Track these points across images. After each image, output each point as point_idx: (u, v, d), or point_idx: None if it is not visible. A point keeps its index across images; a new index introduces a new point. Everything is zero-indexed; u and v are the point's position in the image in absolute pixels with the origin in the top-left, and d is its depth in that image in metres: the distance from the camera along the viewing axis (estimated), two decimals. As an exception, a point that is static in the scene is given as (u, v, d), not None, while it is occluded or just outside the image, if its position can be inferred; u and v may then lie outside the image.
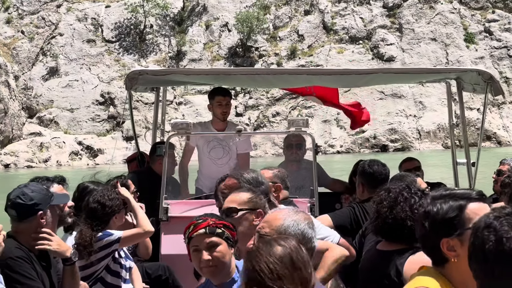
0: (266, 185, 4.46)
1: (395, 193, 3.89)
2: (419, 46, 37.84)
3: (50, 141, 34.24)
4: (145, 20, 40.02)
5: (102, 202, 4.76)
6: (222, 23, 40.23)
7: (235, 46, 39.23)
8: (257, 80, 7.08)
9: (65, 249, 4.00)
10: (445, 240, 2.51)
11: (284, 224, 3.03)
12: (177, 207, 5.71)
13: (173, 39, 39.58)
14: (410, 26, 38.61)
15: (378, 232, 3.93)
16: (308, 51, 38.34)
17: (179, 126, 5.77)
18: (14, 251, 3.73)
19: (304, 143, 6.96)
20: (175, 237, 5.33)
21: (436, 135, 34.58)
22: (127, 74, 6.66)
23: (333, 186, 7.26)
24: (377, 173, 5.37)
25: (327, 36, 39.08)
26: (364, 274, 3.93)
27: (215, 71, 8.18)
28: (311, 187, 5.59)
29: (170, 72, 6.89)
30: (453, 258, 2.50)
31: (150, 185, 6.21)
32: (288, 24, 39.99)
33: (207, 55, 38.80)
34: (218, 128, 6.97)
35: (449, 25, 38.56)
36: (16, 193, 3.86)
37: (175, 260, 5.40)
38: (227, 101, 6.94)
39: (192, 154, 7.21)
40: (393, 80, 8.14)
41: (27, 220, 3.84)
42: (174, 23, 40.63)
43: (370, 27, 38.84)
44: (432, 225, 2.56)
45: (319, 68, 13.82)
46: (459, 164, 7.20)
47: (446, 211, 2.54)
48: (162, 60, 38.82)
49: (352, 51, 37.93)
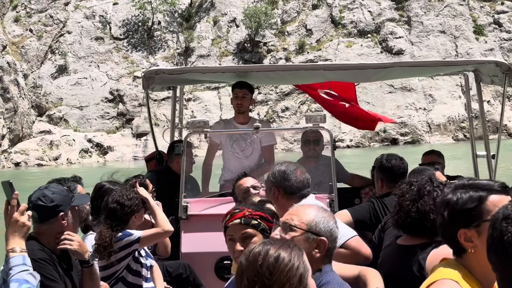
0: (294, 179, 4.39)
1: (417, 186, 3.86)
2: (428, 39, 37.65)
3: (60, 139, 34.32)
4: (153, 16, 39.99)
5: (121, 202, 4.75)
6: (230, 18, 40.15)
7: (243, 41, 39.15)
8: (273, 77, 7.12)
9: (84, 251, 4.04)
10: (462, 230, 2.48)
11: (315, 219, 2.99)
12: (196, 205, 5.70)
13: (181, 36, 39.54)
14: (418, 19, 38.42)
15: (400, 226, 3.90)
16: (316, 46, 38.22)
17: (196, 124, 5.76)
18: (37, 253, 3.75)
19: (322, 139, 6.90)
20: (195, 235, 5.54)
21: (447, 128, 34.44)
22: (143, 74, 6.68)
23: (352, 181, 7.22)
24: (395, 168, 5.34)
25: (336, 30, 38.95)
26: (385, 269, 3.89)
27: (231, 68, 8.20)
28: (330, 183, 5.55)
29: (186, 71, 6.89)
30: (470, 249, 2.47)
31: (169, 184, 6.20)
32: (296, 18, 39.87)
33: (215, 51, 38.75)
34: (239, 122, 6.95)
35: (458, 17, 38.35)
36: (37, 195, 3.88)
37: (196, 258, 5.44)
38: (243, 93, 6.88)
39: (216, 150, 7.22)
40: (410, 73, 8.09)
41: (49, 222, 3.86)
42: (182, 19, 40.58)
43: (379, 20, 38.67)
44: (450, 215, 2.53)
45: (335, 63, 13.91)
46: (479, 156, 7.14)
47: (465, 201, 2.51)
48: (171, 57, 38.80)
49: (360, 45, 37.77)
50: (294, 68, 7.24)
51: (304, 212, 3.03)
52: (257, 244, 2.38)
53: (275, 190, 4.33)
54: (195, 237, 5.53)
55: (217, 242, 5.27)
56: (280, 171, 4.39)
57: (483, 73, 6.55)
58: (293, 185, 4.33)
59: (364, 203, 5.66)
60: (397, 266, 3.75)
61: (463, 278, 2.46)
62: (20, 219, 3.35)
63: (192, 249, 5.51)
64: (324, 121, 5.69)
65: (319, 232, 2.96)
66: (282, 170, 4.38)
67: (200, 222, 5.55)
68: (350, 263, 3.96)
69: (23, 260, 3.26)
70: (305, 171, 4.49)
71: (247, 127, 6.86)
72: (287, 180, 4.34)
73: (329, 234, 2.97)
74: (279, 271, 2.25)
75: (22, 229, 3.36)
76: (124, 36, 39.87)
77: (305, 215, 3.01)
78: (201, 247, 5.46)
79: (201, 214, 5.61)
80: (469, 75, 7.50)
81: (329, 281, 2.88)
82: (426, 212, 3.70)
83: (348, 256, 4.09)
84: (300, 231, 2.95)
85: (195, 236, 5.53)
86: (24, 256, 3.29)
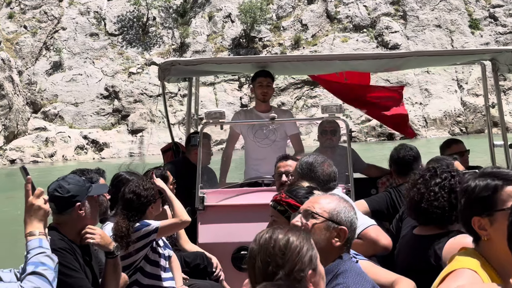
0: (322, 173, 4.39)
1: (426, 176, 3.84)
2: (424, 33, 37.61)
3: (55, 135, 34.19)
4: (148, 12, 39.86)
5: (138, 192, 4.76)
6: (225, 14, 40.05)
7: (239, 37, 39.07)
8: (289, 68, 7.17)
9: (108, 242, 4.09)
10: (476, 218, 2.50)
11: (337, 208, 3.02)
12: (213, 196, 5.76)
13: (176, 31, 39.42)
14: (414, 13, 38.38)
15: (414, 216, 3.89)
16: (312, 41, 38.16)
17: (213, 115, 5.80)
18: (57, 243, 3.79)
19: (339, 129, 7.00)
20: (212, 226, 5.61)
21: (443, 123, 34.43)
22: (159, 65, 6.71)
23: (368, 172, 7.26)
24: (405, 157, 5.43)
25: (331, 25, 38.89)
26: (402, 258, 3.88)
27: (247, 59, 8.18)
28: (346, 173, 5.57)
29: (202, 62, 6.88)
30: (484, 237, 2.49)
31: (186, 175, 6.23)
32: (291, 13, 39.79)
33: (210, 47, 38.66)
34: (261, 111, 7.03)
35: (453, 11, 38.32)
36: (54, 186, 3.95)
37: (212, 248, 5.49)
38: (267, 81, 6.96)
39: (236, 141, 7.32)
40: (427, 63, 8.08)
41: (66, 212, 3.93)
42: (177, 15, 40.46)
43: (374, 15, 38.62)
44: (466, 202, 2.56)
45: (352, 53, 14.01)
46: (496, 146, 7.14)
47: (481, 189, 2.52)
48: (166, 53, 38.69)
49: (356, 40, 37.72)
50: (310, 58, 7.26)
51: (326, 201, 3.08)
52: (265, 230, 2.49)
53: (301, 182, 4.29)
54: (211, 227, 5.59)
55: (234, 232, 5.42)
56: (307, 163, 4.41)
57: (500, 62, 6.52)
58: (320, 178, 4.35)
59: (381, 193, 5.70)
60: (413, 256, 3.74)
61: (481, 267, 2.46)
62: (35, 202, 3.31)
63: (208, 240, 5.56)
64: (340, 111, 5.74)
65: (340, 221, 2.99)
66: (310, 162, 4.41)
67: (216, 213, 5.61)
68: (367, 253, 4.00)
69: (40, 243, 3.21)
70: (333, 164, 4.51)
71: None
72: (313, 172, 4.36)
73: (349, 224, 3.01)
74: (290, 250, 2.37)
75: (38, 212, 3.30)
76: (119, 32, 39.73)
77: (327, 204, 3.05)
78: (218, 238, 5.53)
79: (218, 205, 5.66)
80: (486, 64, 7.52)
81: (347, 270, 2.91)
82: (439, 201, 3.69)
83: (365, 246, 4.08)
84: (322, 218, 2.99)
85: (211, 227, 5.59)
86: (41, 239, 3.24)
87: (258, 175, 6.73)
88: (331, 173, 4.44)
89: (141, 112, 35.58)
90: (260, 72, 6.98)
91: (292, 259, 2.37)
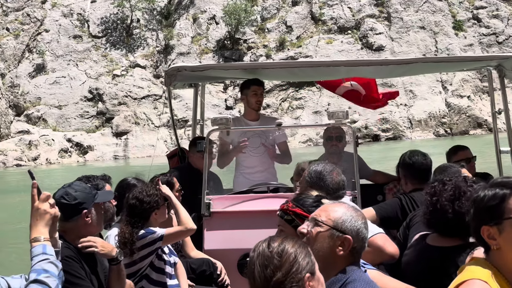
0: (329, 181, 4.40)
1: (453, 186, 3.74)
2: (408, 35, 37.72)
3: (39, 139, 33.88)
4: (132, 14, 39.64)
5: (140, 198, 4.76)
6: (209, 15, 39.94)
7: (223, 38, 38.96)
8: (296, 73, 7.17)
9: (110, 249, 4.10)
10: (485, 227, 2.49)
11: (342, 217, 2.98)
12: (219, 202, 5.75)
13: (161, 33, 39.25)
14: (398, 15, 38.48)
15: (433, 226, 3.78)
16: (297, 42, 38.14)
17: (219, 121, 5.77)
18: (63, 251, 3.76)
19: (344, 135, 6.99)
20: (218, 232, 5.62)
21: (428, 124, 34.53)
22: (165, 71, 6.71)
23: (375, 178, 7.21)
24: (417, 164, 5.31)
25: (316, 27, 38.89)
26: (414, 269, 3.78)
27: (253, 65, 8.41)
28: (353, 179, 5.53)
29: (208, 68, 6.93)
30: (494, 246, 2.48)
31: (190, 181, 6.26)
32: (276, 15, 39.75)
33: (195, 49, 38.52)
34: (251, 119, 7.09)
35: (437, 13, 38.47)
36: (60, 193, 3.95)
37: (218, 255, 5.51)
38: (261, 90, 7.08)
39: (228, 149, 7.25)
40: (433, 69, 8.05)
41: (73, 220, 3.93)
42: (161, 17, 40.27)
43: (359, 16, 38.68)
44: (475, 211, 2.56)
45: (357, 60, 14.18)
46: (502, 152, 7.09)
47: (489, 199, 2.51)
48: (150, 55, 38.50)
49: (341, 41, 37.74)
50: (316, 64, 7.23)
51: (333, 210, 3.05)
52: (262, 240, 2.55)
53: (310, 190, 4.27)
54: (217, 234, 5.61)
55: (240, 239, 5.40)
56: (316, 171, 4.39)
57: (507, 68, 6.49)
58: (329, 186, 4.33)
59: (391, 200, 5.61)
60: (430, 267, 3.65)
61: (492, 277, 2.45)
62: (41, 207, 3.21)
63: (214, 246, 5.57)
64: (346, 118, 5.70)
65: (345, 230, 2.95)
66: (318, 171, 4.39)
67: (222, 219, 5.63)
68: (374, 261, 3.98)
69: (43, 249, 3.11)
70: (341, 172, 4.50)
71: (259, 123, 7.06)
72: (322, 180, 4.34)
73: (355, 233, 2.96)
74: (287, 254, 2.45)
75: (44, 217, 3.21)
76: (102, 34, 39.48)
77: (333, 212, 3.02)
78: (224, 244, 5.54)
79: (224, 211, 5.67)
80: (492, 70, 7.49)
81: (356, 279, 2.88)
82: (462, 213, 3.57)
83: (371, 253, 4.01)
84: (326, 227, 2.97)
85: (217, 233, 5.61)
86: (45, 245, 3.14)
87: (250, 183, 6.73)
88: (340, 181, 4.43)
89: (126, 115, 35.36)
90: (253, 80, 7.01)
91: (289, 261, 2.43)
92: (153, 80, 37.14)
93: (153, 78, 37.27)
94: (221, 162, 7.19)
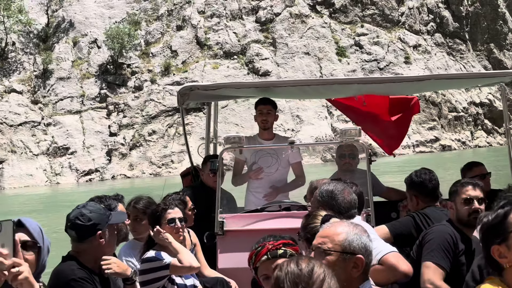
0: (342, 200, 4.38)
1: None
2: (293, 60, 38.09)
3: None
4: (7, 37, 37.61)
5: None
6: (91, 39, 38.59)
7: (106, 63, 37.70)
8: (307, 91, 7.22)
9: (125, 269, 4.15)
10: (495, 247, 2.53)
11: (348, 238, 2.95)
12: (232, 221, 5.82)
13: (38, 57, 37.43)
14: (283, 41, 38.81)
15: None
16: (182, 67, 37.53)
17: (232, 140, 5.85)
18: (76, 272, 3.78)
19: (357, 153, 7.06)
20: (232, 250, 5.69)
21: (315, 149, 34.80)
22: (178, 90, 6.82)
23: (388, 195, 7.28)
24: (426, 181, 5.39)
25: (201, 52, 38.47)
26: None
27: (264, 83, 8.39)
28: (366, 197, 5.44)
29: (221, 87, 6.87)
30: (505, 265, 2.51)
31: (204, 199, 6.33)
32: (160, 39, 39.02)
33: (76, 73, 37.00)
34: (265, 138, 7.13)
35: (321, 39, 39.14)
36: (75, 214, 3.92)
37: (232, 273, 5.55)
38: (267, 109, 7.01)
39: (243, 167, 7.31)
40: (447, 85, 8.24)
41: (87, 241, 3.89)
42: (38, 40, 38.49)
43: (244, 42, 38.66)
44: (483, 236, 2.61)
45: (370, 77, 14.27)
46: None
47: (493, 218, 2.57)
48: (27, 79, 36.60)
49: (227, 66, 37.53)
50: (329, 82, 7.28)
51: (335, 233, 2.99)
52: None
53: (320, 210, 4.24)
54: (231, 252, 5.65)
55: None
56: (328, 190, 4.38)
57: None
58: (341, 205, 4.32)
59: (404, 218, 5.65)
60: None
61: None
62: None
63: (228, 265, 5.61)
64: (359, 135, 5.76)
65: (354, 250, 2.94)
66: (330, 190, 4.38)
67: (236, 238, 5.68)
68: (387, 280, 4.07)
69: None
70: (352, 191, 4.51)
71: (273, 143, 7.09)
72: (334, 200, 4.34)
73: (364, 250, 2.96)
74: (317, 273, 2.51)
75: None
76: (-26, 58, 37.17)
77: (336, 236, 2.97)
78: (238, 263, 5.45)
79: (238, 230, 5.74)
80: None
81: None
82: None
83: (384, 272, 4.07)
84: (336, 253, 2.94)
85: (231, 252, 5.65)
86: None
87: (262, 202, 6.77)
88: (351, 200, 4.37)
89: (1, 143, 33.29)
90: (260, 99, 7.08)
91: (319, 279, 2.50)
92: (30, 106, 35.23)
93: (31, 104, 35.34)
94: (235, 181, 7.26)
